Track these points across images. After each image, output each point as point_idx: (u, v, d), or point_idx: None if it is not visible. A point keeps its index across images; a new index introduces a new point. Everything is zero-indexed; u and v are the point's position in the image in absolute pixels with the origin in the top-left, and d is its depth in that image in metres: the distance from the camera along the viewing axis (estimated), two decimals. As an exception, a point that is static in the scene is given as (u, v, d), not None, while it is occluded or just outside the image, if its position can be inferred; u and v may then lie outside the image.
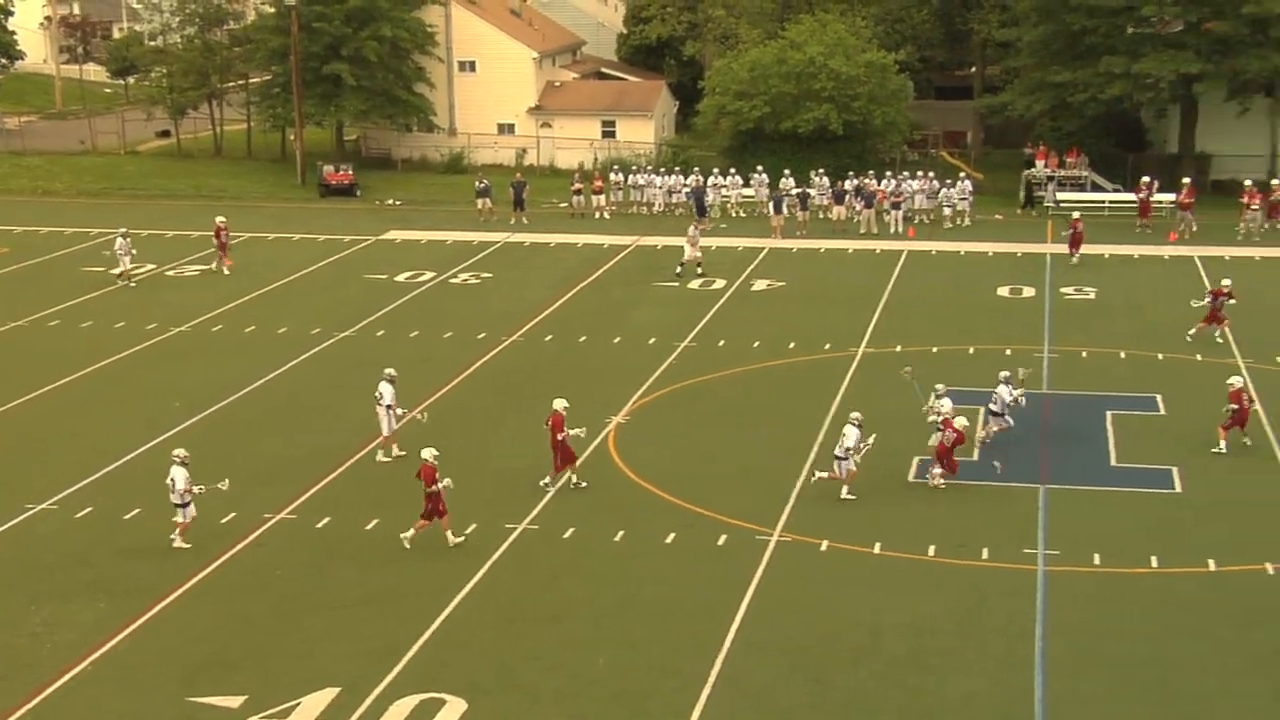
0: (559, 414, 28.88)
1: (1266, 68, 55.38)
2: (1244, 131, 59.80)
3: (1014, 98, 61.58)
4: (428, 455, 26.37)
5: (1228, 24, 55.45)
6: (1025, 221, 56.02)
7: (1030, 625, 23.01)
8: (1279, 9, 54.12)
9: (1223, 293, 37.98)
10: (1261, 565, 24.90)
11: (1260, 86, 57.84)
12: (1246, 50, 55.60)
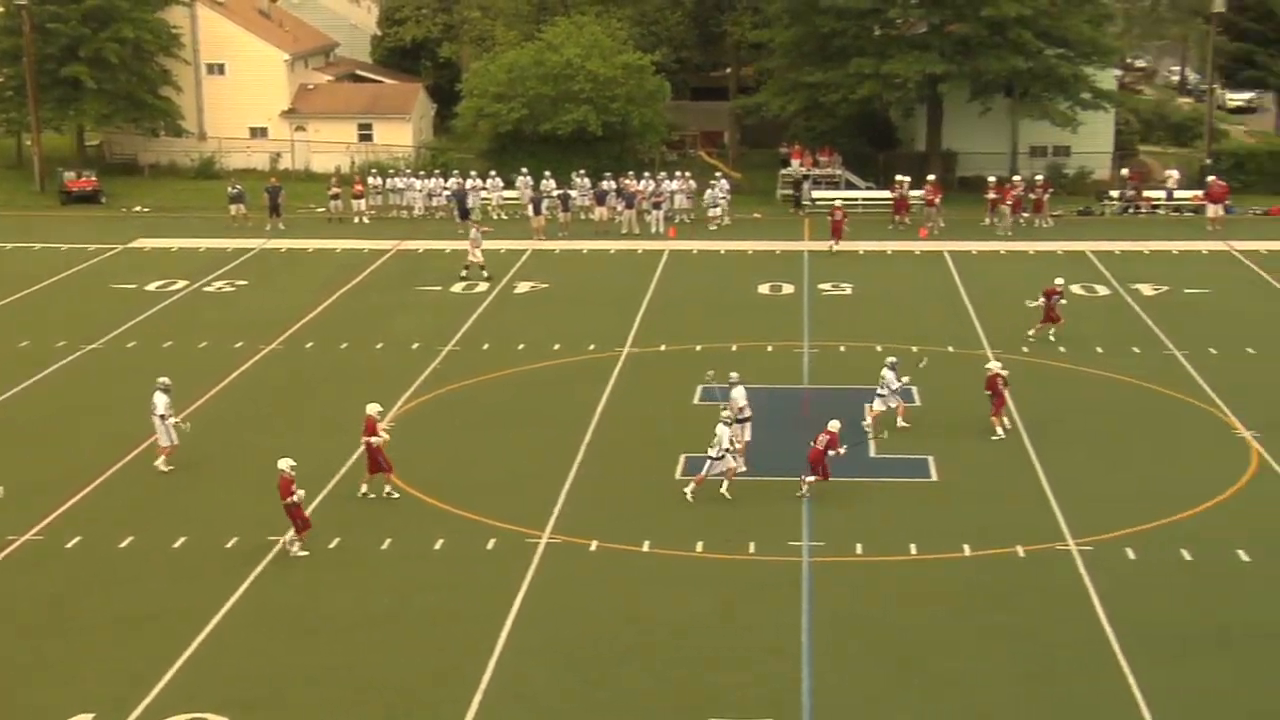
0: (371, 418, 28.53)
1: (1005, 68, 57.81)
2: (987, 130, 62.35)
3: (769, 98, 62.97)
4: (284, 466, 25.89)
5: (968, 26, 57.73)
6: (784, 220, 57.32)
7: (796, 616, 23.58)
8: (1014, 12, 56.53)
9: (1055, 291, 39.12)
10: (1013, 548, 25.99)
11: (1000, 86, 60.34)
12: (987, 52, 57.97)
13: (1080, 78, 59.23)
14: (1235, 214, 56.49)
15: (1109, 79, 63.84)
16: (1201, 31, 76.40)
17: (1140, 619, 23.22)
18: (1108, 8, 66.54)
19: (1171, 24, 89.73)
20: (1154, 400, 34.19)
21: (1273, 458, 30.02)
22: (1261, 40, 72.93)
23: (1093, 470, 29.79)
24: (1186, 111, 79.38)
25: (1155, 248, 51.39)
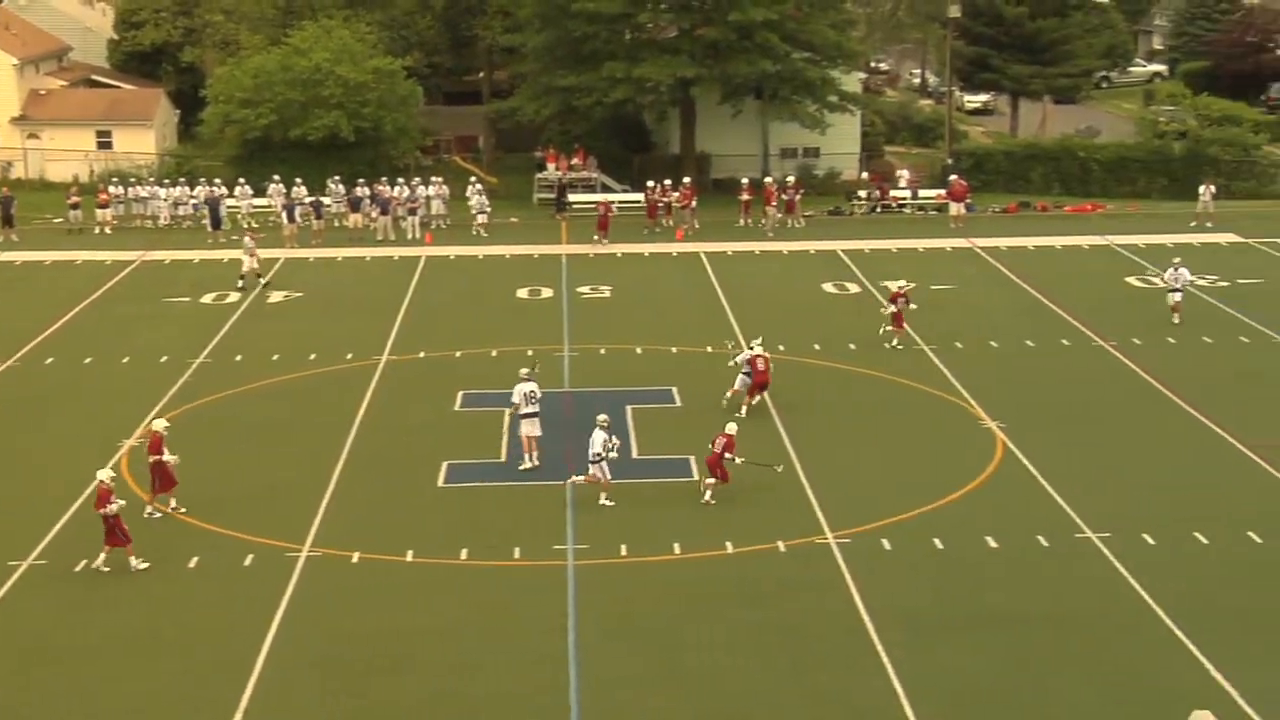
0: (158, 435, 27.51)
1: (754, 72, 59.03)
2: (739, 132, 63.56)
3: (522, 102, 63.01)
4: (104, 476, 25.18)
5: (717, 30, 58.77)
6: (541, 224, 57.41)
7: (562, 620, 23.63)
8: (760, 17, 57.76)
9: (901, 295, 39.76)
10: (774, 544, 26.54)
11: (750, 89, 61.58)
12: (736, 55, 59.09)
13: (827, 81, 60.84)
14: (976, 212, 58.78)
15: (854, 82, 65.77)
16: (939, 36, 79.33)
17: (896, 607, 23.95)
18: (850, 13, 68.58)
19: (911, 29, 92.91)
20: (905, 394, 35.31)
21: (1016, 447, 31.29)
22: (995, 45, 76.13)
23: (849, 464, 30.61)
24: (928, 113, 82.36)
25: (903, 245, 53.11)
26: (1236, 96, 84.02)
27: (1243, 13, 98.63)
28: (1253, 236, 53.64)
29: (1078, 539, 26.56)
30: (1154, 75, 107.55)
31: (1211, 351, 38.66)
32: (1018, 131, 76.41)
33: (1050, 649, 22.60)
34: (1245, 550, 26.04)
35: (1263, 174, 66.11)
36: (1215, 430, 32.26)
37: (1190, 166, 64.38)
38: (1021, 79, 75.83)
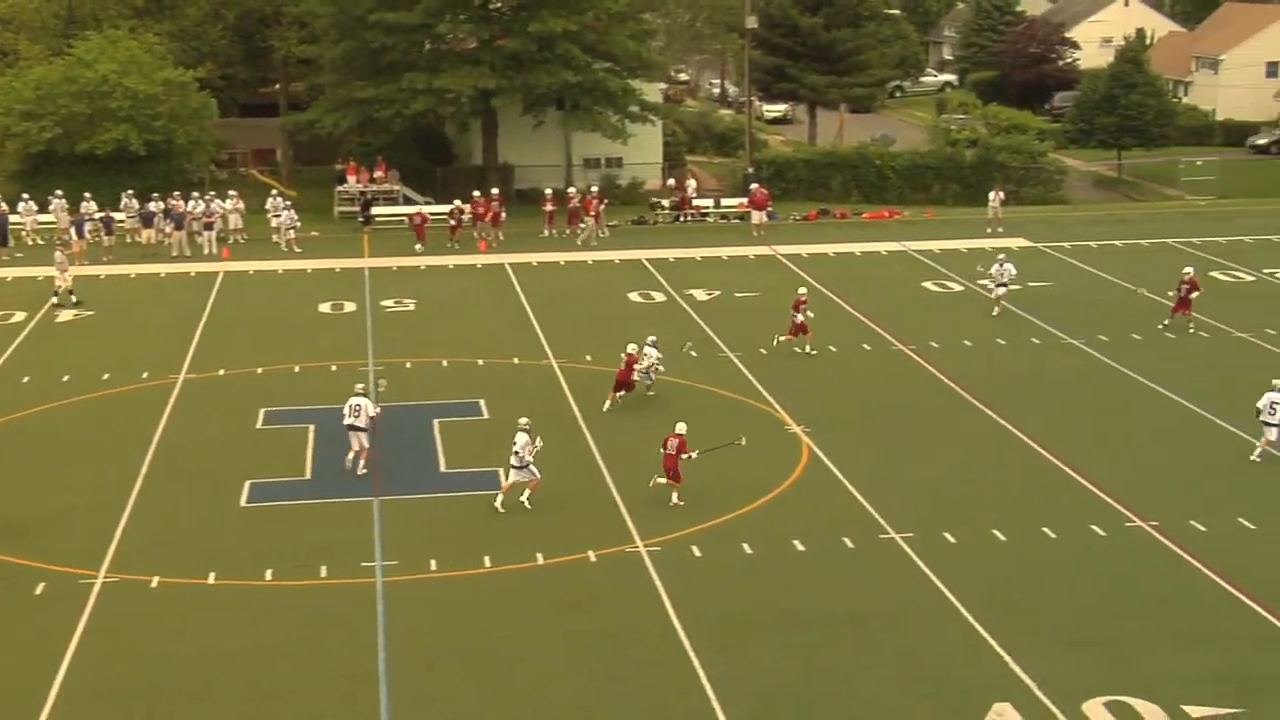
0: None
1: (555, 82, 59.11)
2: (542, 143, 63.58)
3: (320, 114, 62.08)
4: None
5: (518, 41, 58.73)
6: (343, 237, 56.63)
7: (372, 638, 23.31)
8: (560, 28, 57.91)
9: (802, 302, 39.87)
10: (585, 554, 26.57)
11: (552, 100, 61.65)
12: (537, 66, 59.11)
13: (628, 91, 61.25)
14: (777, 220, 59.77)
15: (655, 92, 66.37)
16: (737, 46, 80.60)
17: (707, 613, 24.18)
18: (649, 24, 69.20)
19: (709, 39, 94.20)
20: (713, 401, 35.67)
21: (821, 451, 31.85)
22: (792, 55, 77.60)
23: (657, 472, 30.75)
24: (728, 122, 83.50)
25: (706, 254, 53.71)
26: (1022, 105, 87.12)
27: (1026, 24, 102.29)
28: (1041, 241, 55.51)
29: (882, 539, 27.15)
30: (945, 85, 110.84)
31: (1005, 353, 39.88)
32: (816, 140, 77.95)
33: (857, 647, 23.06)
34: (1040, 545, 26.90)
35: (1049, 180, 68.53)
36: (1010, 430, 33.27)
37: (981, 173, 66.46)
38: (818, 88, 77.41)
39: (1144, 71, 76.52)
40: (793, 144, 79.11)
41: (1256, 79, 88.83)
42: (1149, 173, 76.34)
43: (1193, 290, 41.04)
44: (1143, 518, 27.83)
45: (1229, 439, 32.40)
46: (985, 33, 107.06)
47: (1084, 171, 77.02)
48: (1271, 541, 26.81)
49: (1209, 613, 24.03)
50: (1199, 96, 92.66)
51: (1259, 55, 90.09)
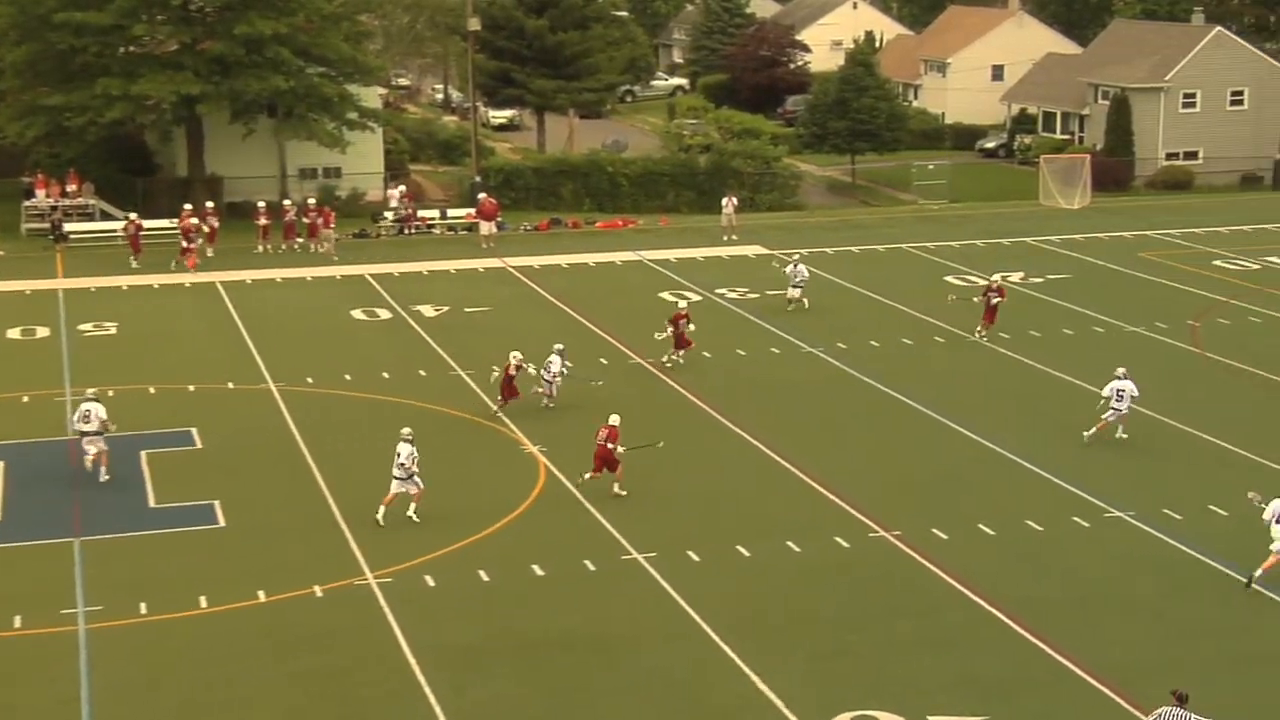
0: None
1: (266, 88, 57.97)
2: (254, 153, 62.28)
3: (3, 124, 59.51)
4: None
5: (223, 44, 57.40)
6: (32, 257, 54.41)
7: (75, 690, 22.43)
8: (269, 30, 56.85)
9: (682, 316, 39.68)
10: (310, 589, 26.07)
11: (263, 107, 60.45)
12: (245, 71, 57.86)
13: (344, 97, 60.52)
14: (507, 230, 59.86)
15: (374, 97, 65.74)
16: (460, 50, 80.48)
17: (443, 645, 24.00)
18: (365, 26, 68.50)
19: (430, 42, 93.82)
20: (445, 422, 35.46)
21: (559, 471, 31.96)
22: (518, 59, 77.88)
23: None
24: (453, 129, 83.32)
25: (434, 267, 53.41)
26: (755, 109, 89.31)
27: (756, 27, 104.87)
28: (777, 248, 56.87)
29: (624, 560, 27.39)
30: (676, 89, 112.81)
31: (744, 364, 40.71)
32: (546, 147, 78.40)
33: (600, 672, 23.20)
34: (786, 559, 27.53)
35: (783, 186, 70.37)
36: (752, 442, 33.97)
37: (715, 179, 67.84)
38: (546, 93, 77.87)
39: (874, 75, 79.34)
40: (521, 151, 79.37)
41: (983, 82, 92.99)
42: (883, 177, 79.14)
43: (999, 296, 42.21)
44: (886, 528, 28.73)
45: (969, 446, 33.72)
46: (715, 35, 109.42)
47: (819, 177, 79.38)
48: (1010, 547, 28.00)
49: (952, 620, 24.94)
50: (929, 100, 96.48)
51: (985, 58, 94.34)
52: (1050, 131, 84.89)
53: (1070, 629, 24.39)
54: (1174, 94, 77.42)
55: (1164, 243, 57.44)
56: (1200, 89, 77.57)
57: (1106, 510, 29.42)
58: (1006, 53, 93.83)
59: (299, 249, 55.58)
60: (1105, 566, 27.00)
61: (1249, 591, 25.74)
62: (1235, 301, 46.70)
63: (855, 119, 76.95)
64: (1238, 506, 29.19)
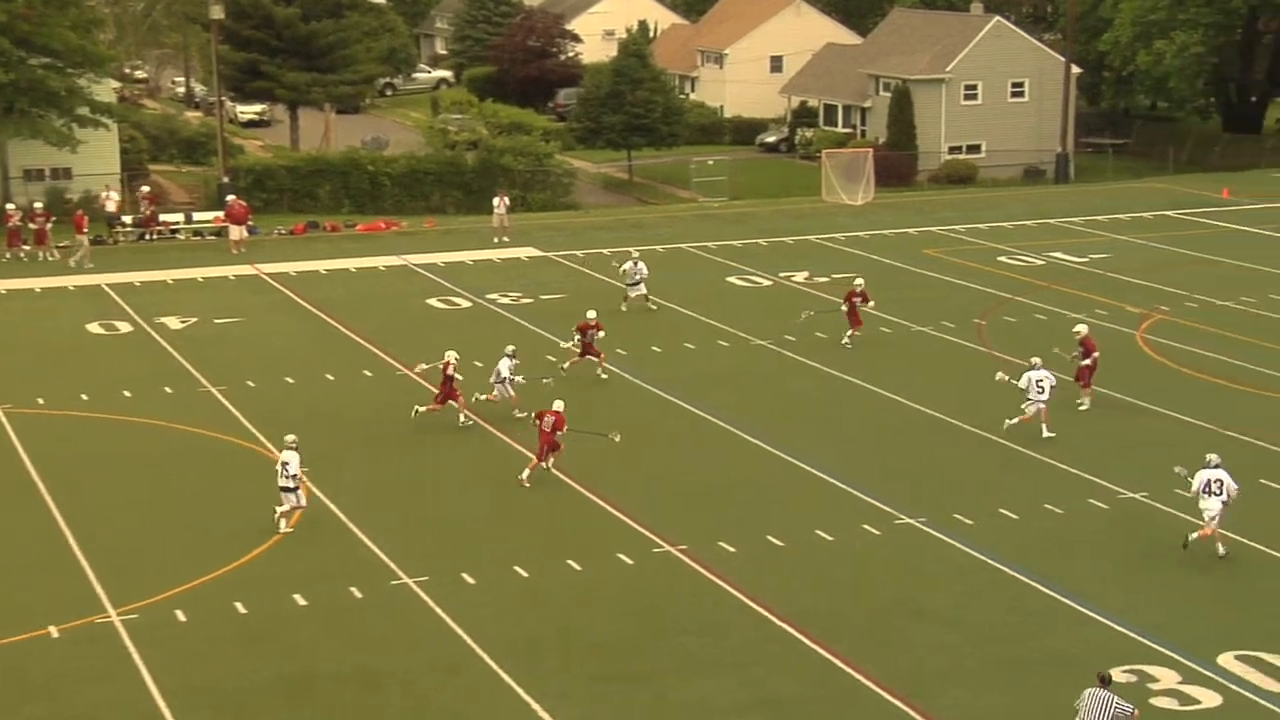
0: None
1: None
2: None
3: None
4: None
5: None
6: None
7: None
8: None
9: (589, 326, 39.43)
10: (45, 629, 25.27)
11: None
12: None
13: (73, 91, 58.91)
14: (259, 234, 58.90)
15: (108, 91, 64.11)
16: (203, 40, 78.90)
17: (196, 685, 23.47)
18: (95, 12, 66.74)
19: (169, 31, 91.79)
20: (194, 443, 34.72)
21: (321, 492, 31.49)
22: (267, 50, 76.62)
23: (132, 529, 29.73)
24: (197, 126, 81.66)
25: (179, 276, 52.27)
26: (525, 103, 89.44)
27: (523, 16, 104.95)
28: (552, 249, 57.04)
29: (394, 586, 27.14)
30: (440, 82, 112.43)
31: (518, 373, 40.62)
32: (300, 145, 77.31)
33: (371, 708, 22.94)
34: (566, 579, 27.57)
35: (557, 184, 70.59)
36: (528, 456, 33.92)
37: (485, 178, 67.76)
38: (299, 87, 76.79)
39: (649, 66, 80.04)
40: (273, 149, 78.21)
41: (762, 74, 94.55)
42: (660, 174, 79.91)
43: (864, 301, 42.64)
44: (671, 542, 28.98)
45: (757, 454, 34.21)
46: (480, 25, 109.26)
47: (594, 174, 79.81)
48: (797, 558, 28.48)
49: (740, 637, 25.26)
50: (706, 92, 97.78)
51: (763, 49, 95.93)
52: (832, 125, 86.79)
53: (862, 641, 24.92)
54: (955, 86, 79.82)
55: (948, 239, 59.14)
56: (981, 80, 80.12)
57: (897, 517, 30.13)
58: (785, 43, 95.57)
59: (25, 258, 53.88)
60: (896, 575, 27.65)
61: (1186, 550, 27.74)
62: (1020, 298, 48.29)
63: (630, 113, 77.54)
64: (1027, 509, 30.23)
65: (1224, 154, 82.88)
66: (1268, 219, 62.30)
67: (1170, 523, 29.57)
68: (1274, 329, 44.00)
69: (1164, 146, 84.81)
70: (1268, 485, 31.40)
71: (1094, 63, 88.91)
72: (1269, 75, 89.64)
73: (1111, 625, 25.26)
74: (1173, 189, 70.87)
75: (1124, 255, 55.26)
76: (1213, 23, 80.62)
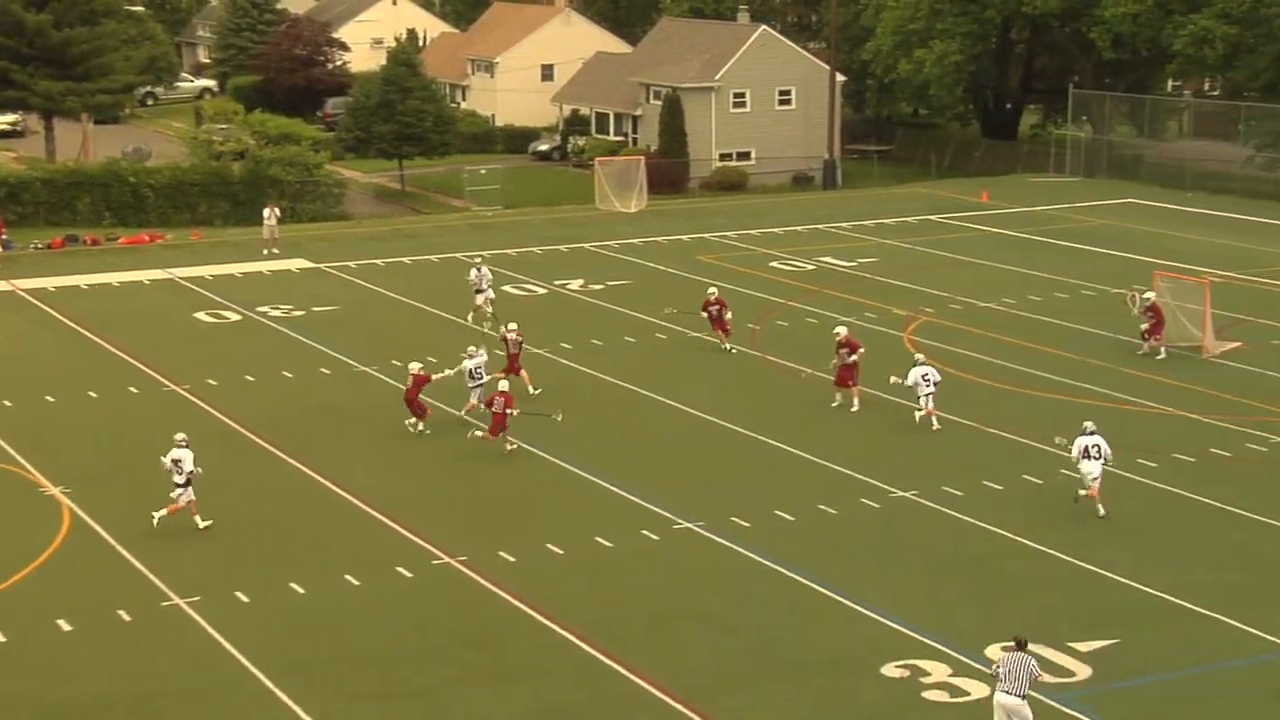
0: None
1: None
2: None
3: None
4: None
5: None
6: None
7: None
8: None
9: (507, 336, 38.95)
10: None
11: None
12: None
13: None
14: (15, 250, 57.13)
15: None
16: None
17: (-42, 718, 22.64)
18: None
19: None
20: (-54, 467, 33.53)
21: (86, 513, 30.65)
22: (18, 57, 74.26)
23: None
24: (-57, 137, 78.91)
25: (-71, 294, 50.45)
26: (293, 113, 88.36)
27: (289, 24, 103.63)
28: (324, 261, 56.34)
29: (165, 607, 26.52)
30: (204, 91, 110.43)
31: (292, 387, 40.08)
32: (57, 156, 75.15)
33: (144, 736, 22.37)
34: (343, 594, 27.23)
35: (327, 194, 69.83)
36: (305, 471, 33.47)
37: (253, 189, 66.72)
38: (53, 96, 74.60)
39: (419, 75, 79.75)
40: (28, 161, 75.97)
41: (533, 82, 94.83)
42: (433, 183, 79.59)
43: (723, 309, 42.72)
44: (450, 554, 28.81)
45: (534, 462, 34.19)
46: (244, 33, 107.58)
47: (365, 184, 79.17)
48: (580, 567, 28.55)
49: (523, 649, 25.20)
50: (478, 101, 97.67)
51: (534, 57, 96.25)
52: (604, 133, 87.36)
53: (643, 647, 25.05)
54: (724, 93, 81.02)
55: (721, 245, 59.90)
56: (749, 88, 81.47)
57: (676, 522, 30.38)
58: (555, 51, 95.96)
59: None
60: (676, 580, 27.87)
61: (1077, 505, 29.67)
62: (793, 303, 49.13)
63: (401, 122, 77.10)
64: (802, 511, 30.76)
65: (983, 159, 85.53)
66: (1025, 222, 64.41)
67: (940, 520, 30.36)
68: (1034, 329, 45.49)
69: (926, 152, 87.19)
70: (1029, 480, 32.42)
71: (858, 71, 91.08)
72: (1022, 83, 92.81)
73: (885, 622, 25.81)
74: (935, 194, 72.83)
75: (890, 259, 56.60)
76: (969, 32, 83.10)
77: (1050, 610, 26.20)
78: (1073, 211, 67.04)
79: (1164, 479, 32.51)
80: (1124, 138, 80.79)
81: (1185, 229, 62.51)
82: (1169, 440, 35.09)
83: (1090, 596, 26.86)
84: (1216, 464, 33.59)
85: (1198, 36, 74.39)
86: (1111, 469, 30.65)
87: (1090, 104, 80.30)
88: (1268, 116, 73.23)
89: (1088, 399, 38.19)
